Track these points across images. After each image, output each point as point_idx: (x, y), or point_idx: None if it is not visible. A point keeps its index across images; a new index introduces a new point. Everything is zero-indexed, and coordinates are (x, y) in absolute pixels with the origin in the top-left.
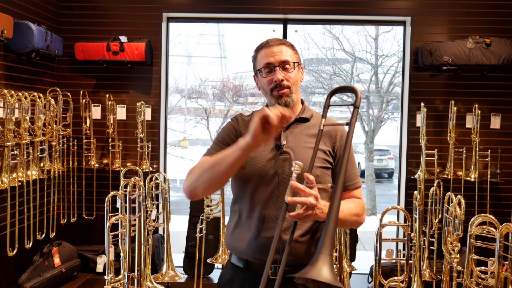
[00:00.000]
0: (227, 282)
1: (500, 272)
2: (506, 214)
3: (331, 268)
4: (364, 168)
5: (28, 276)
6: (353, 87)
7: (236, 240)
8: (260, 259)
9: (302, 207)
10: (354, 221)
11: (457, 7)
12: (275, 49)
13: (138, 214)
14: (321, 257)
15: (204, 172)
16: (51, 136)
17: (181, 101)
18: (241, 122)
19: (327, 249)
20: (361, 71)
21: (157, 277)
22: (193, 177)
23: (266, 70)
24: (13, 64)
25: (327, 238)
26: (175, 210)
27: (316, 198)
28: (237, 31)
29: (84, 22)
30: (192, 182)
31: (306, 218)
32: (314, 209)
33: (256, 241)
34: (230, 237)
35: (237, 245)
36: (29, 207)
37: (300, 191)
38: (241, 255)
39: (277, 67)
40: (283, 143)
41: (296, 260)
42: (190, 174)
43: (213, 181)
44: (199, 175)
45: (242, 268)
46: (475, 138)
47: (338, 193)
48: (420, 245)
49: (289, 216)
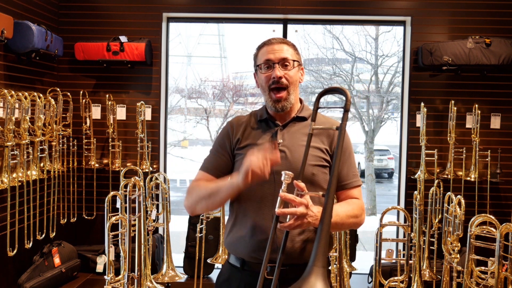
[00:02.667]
0: (224, 282)
1: (500, 272)
2: (506, 214)
3: (325, 281)
4: (364, 168)
5: (28, 276)
6: (342, 88)
7: (233, 239)
8: (256, 258)
9: (293, 217)
10: (353, 223)
11: (457, 7)
12: (276, 46)
13: (138, 214)
14: (314, 270)
15: (201, 199)
16: (51, 136)
17: (181, 101)
18: (236, 127)
19: (320, 261)
20: (361, 71)
21: (157, 277)
22: (192, 200)
23: (266, 66)
24: (13, 64)
25: (319, 249)
26: (175, 210)
27: (307, 207)
28: (237, 31)
29: (84, 22)
30: (191, 204)
31: (298, 227)
32: (305, 217)
33: (252, 242)
34: (228, 236)
35: (234, 244)
36: (29, 207)
37: (290, 201)
38: (238, 254)
39: (276, 64)
40: (279, 142)
41: (293, 260)
42: (189, 195)
43: (210, 206)
44: (197, 201)
45: (238, 268)
46: (475, 138)
47: (330, 201)
48: (420, 245)
49: (280, 227)
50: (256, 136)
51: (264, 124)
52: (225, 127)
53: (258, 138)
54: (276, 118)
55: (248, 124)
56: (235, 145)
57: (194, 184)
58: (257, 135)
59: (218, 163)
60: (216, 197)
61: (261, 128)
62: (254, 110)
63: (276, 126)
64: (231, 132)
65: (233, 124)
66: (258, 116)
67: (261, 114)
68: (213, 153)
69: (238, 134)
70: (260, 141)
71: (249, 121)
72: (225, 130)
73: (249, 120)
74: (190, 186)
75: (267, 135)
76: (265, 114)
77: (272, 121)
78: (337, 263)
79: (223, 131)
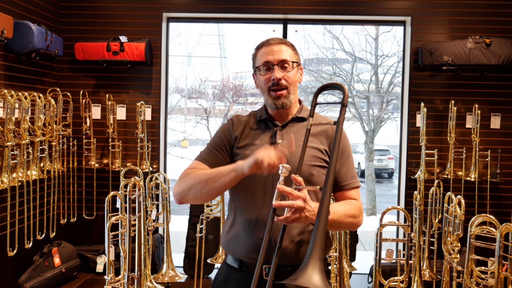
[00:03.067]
0: (222, 283)
1: (500, 272)
2: (506, 214)
3: (321, 274)
4: (364, 168)
5: (28, 276)
6: (340, 84)
7: (231, 240)
8: (254, 259)
9: (290, 211)
10: (350, 223)
11: (457, 7)
12: (275, 47)
13: (138, 214)
14: (310, 262)
15: (197, 184)
16: (51, 136)
17: (181, 101)
18: (236, 124)
19: (317, 254)
20: (361, 71)
21: (157, 277)
22: (185, 185)
23: (265, 68)
24: (13, 64)
25: (316, 242)
26: (175, 210)
27: (304, 200)
28: (237, 31)
29: (84, 22)
30: (183, 189)
31: (296, 221)
32: (302, 211)
33: (250, 241)
34: (225, 236)
35: (232, 244)
36: (29, 207)
37: (287, 194)
38: (236, 255)
39: (275, 66)
40: (278, 142)
41: (291, 261)
42: (182, 180)
43: (204, 194)
44: (191, 185)
45: (236, 268)
46: (475, 138)
47: (327, 195)
48: (420, 245)
49: (277, 220)
50: (255, 136)
51: (263, 124)
52: (226, 124)
53: (257, 138)
54: (275, 118)
55: (248, 124)
56: (234, 143)
57: (188, 171)
58: (256, 135)
59: (216, 156)
60: (215, 183)
61: (260, 129)
62: (253, 111)
63: (275, 126)
64: (231, 128)
65: (233, 121)
66: (257, 116)
67: (260, 114)
68: (212, 147)
69: (237, 132)
70: (259, 141)
71: (249, 121)
72: (226, 127)
73: (249, 120)
74: (184, 172)
75: (266, 135)
76: (264, 114)
77: (271, 121)
78: (337, 263)
79: (224, 127)
